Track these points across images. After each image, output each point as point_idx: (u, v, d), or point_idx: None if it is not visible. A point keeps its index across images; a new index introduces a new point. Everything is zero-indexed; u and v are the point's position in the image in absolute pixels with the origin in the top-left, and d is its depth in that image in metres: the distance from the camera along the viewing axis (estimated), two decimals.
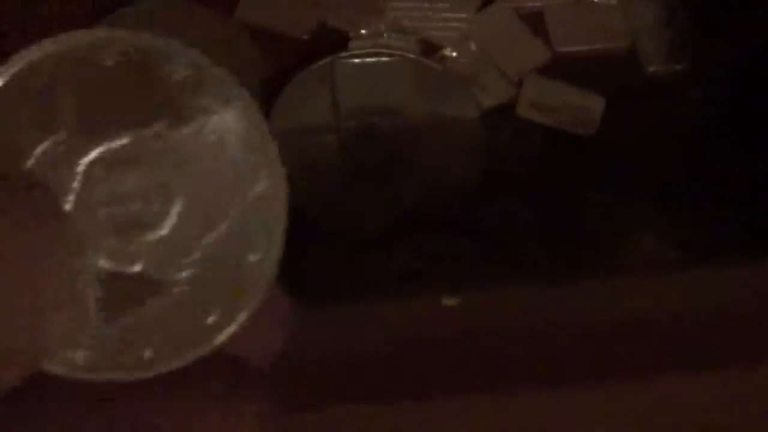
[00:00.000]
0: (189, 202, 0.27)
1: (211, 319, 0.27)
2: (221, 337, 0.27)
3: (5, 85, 0.25)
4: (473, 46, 0.73)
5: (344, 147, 0.70)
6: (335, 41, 0.72)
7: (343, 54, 0.71)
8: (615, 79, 0.73)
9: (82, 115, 0.26)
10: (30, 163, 0.26)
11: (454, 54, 0.73)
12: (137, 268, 0.26)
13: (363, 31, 0.72)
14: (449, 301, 0.54)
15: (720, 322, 0.54)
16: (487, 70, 0.73)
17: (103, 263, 0.26)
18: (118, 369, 0.26)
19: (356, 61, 0.71)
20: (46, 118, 0.26)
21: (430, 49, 0.73)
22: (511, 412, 0.53)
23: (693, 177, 0.70)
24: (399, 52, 0.71)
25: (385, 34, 0.72)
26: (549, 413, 0.54)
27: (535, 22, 0.74)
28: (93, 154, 0.26)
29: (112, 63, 0.26)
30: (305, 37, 0.73)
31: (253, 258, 0.27)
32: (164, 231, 0.27)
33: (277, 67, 0.71)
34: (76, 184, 0.26)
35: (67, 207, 0.26)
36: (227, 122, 0.27)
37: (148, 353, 0.26)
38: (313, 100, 0.70)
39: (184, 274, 0.27)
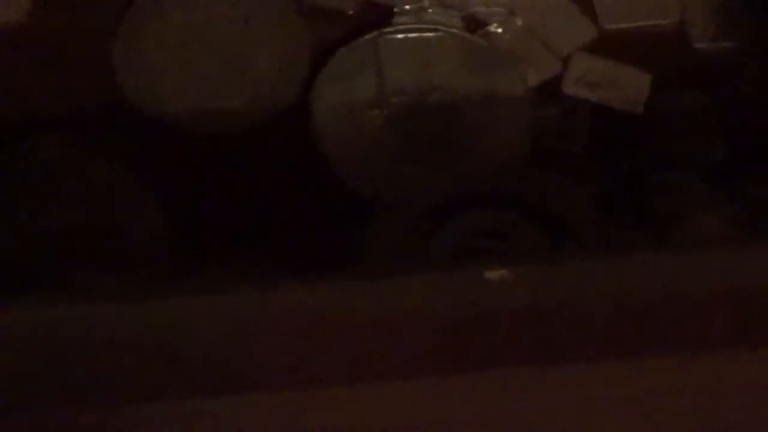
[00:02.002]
0: None
1: None
2: None
3: None
4: (519, 23, 0.72)
5: (391, 123, 0.69)
6: (380, 16, 0.71)
7: (388, 29, 0.70)
8: (663, 56, 0.72)
9: None
10: None
11: (500, 30, 0.72)
12: None
13: (407, 6, 0.72)
14: (493, 275, 0.53)
15: None
16: (533, 47, 0.72)
17: None
18: None
19: (401, 36, 0.70)
20: None
21: (475, 24, 0.72)
22: (564, 387, 0.53)
23: (745, 155, 0.69)
24: (444, 28, 0.71)
25: (429, 9, 0.72)
26: (606, 387, 0.53)
27: None
28: None
29: None
30: (351, 12, 0.72)
31: None
32: None
33: (323, 42, 0.70)
34: None
35: None
36: None
37: None
38: (358, 76, 0.69)
39: None
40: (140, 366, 0.51)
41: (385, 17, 0.71)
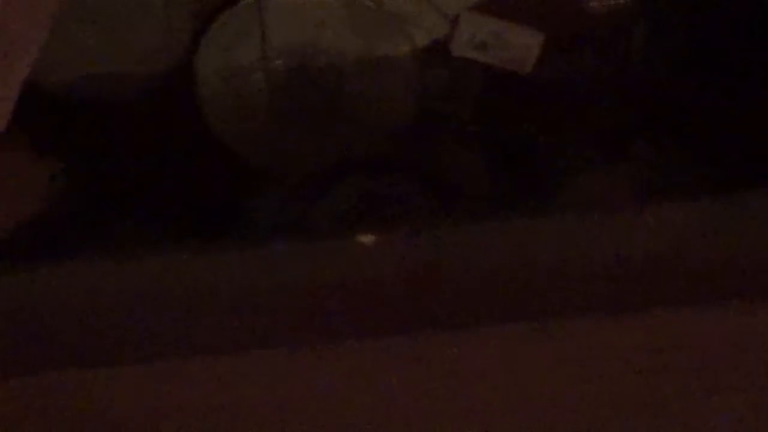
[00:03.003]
0: None
1: None
2: None
3: None
4: None
5: (274, 87, 0.68)
6: None
7: None
8: (554, 15, 0.71)
9: None
10: None
11: None
12: None
13: None
14: (365, 239, 0.52)
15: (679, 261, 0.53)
16: (422, 8, 0.71)
17: None
18: None
19: None
20: None
21: None
22: (455, 349, 0.52)
23: (634, 115, 0.68)
24: None
25: None
26: (475, 352, 0.53)
27: None
28: None
29: None
30: None
31: None
32: None
33: (208, 5, 0.69)
34: None
35: None
36: None
37: None
38: (241, 40, 0.68)
39: None
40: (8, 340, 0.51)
41: None
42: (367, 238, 0.52)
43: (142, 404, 0.52)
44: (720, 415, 0.53)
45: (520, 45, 0.70)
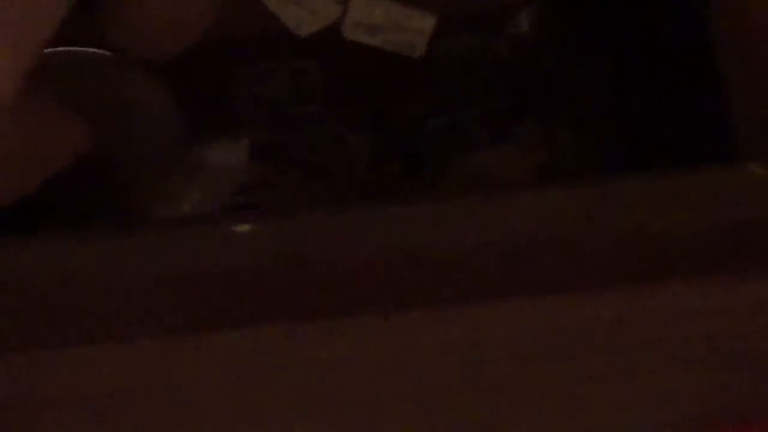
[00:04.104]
0: None
1: None
2: None
3: None
4: None
5: None
6: None
7: None
8: None
9: None
10: None
11: None
12: None
13: None
14: (242, 228, 0.51)
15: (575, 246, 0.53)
16: None
17: None
18: None
19: None
20: None
21: None
22: (311, 342, 0.52)
23: (526, 98, 0.68)
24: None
25: None
26: (358, 342, 0.52)
27: None
28: None
29: None
30: None
31: None
32: None
33: None
34: None
35: None
36: None
37: None
38: None
39: None
40: None
41: None
42: (242, 228, 0.51)
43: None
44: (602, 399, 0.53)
45: (413, 28, 0.69)
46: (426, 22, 0.69)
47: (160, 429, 0.55)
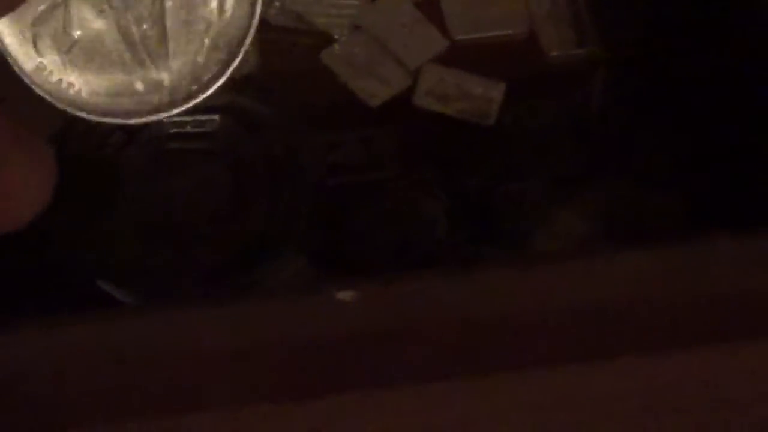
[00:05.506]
0: None
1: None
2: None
3: None
4: (366, 35, 0.71)
5: None
6: None
7: None
8: (515, 66, 0.71)
9: None
10: None
11: (347, 43, 0.71)
12: None
13: None
14: (345, 296, 0.52)
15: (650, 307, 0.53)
16: (383, 61, 0.71)
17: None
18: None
19: None
20: None
21: (322, 37, 0.71)
22: (428, 407, 0.52)
23: (597, 162, 0.68)
24: None
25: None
26: (457, 405, 0.52)
27: (431, 9, 0.72)
28: None
29: None
30: None
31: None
32: None
33: None
34: None
35: None
36: None
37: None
38: None
39: None
40: None
41: None
42: (347, 296, 0.51)
43: None
44: None
45: (482, 96, 0.70)
46: (496, 90, 0.70)
47: None
